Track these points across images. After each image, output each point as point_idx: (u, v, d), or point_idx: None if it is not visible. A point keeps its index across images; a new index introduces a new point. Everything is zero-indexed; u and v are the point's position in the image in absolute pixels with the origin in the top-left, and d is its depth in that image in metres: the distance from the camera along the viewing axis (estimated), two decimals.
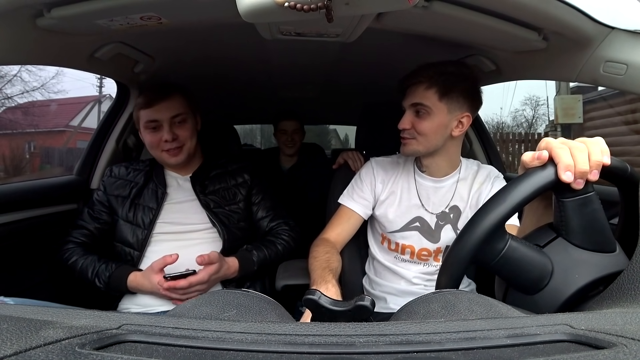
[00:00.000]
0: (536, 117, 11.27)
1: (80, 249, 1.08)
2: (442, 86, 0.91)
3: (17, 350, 0.26)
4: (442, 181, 1.02)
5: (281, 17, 0.56)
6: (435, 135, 0.94)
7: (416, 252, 1.02)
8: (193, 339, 0.30)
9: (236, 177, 1.18)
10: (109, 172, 1.18)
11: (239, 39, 1.06)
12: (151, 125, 1.08)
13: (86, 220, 1.12)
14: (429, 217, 1.01)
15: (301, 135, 1.99)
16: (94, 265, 1.04)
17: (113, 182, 1.14)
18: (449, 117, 0.93)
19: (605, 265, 0.50)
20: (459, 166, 1.03)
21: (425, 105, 0.92)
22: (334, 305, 0.40)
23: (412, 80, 0.95)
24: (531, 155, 0.52)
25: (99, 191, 1.15)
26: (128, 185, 1.13)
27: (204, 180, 1.15)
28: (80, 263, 1.05)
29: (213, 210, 1.10)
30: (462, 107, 0.93)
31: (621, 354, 0.27)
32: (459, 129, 0.95)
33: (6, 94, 9.95)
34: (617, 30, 0.76)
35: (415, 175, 1.04)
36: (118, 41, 0.99)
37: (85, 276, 1.04)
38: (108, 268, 1.03)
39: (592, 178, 0.49)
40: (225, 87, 1.64)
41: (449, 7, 0.75)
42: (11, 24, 0.73)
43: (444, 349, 0.30)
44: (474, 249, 0.50)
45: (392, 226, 1.03)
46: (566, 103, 5.59)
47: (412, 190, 1.03)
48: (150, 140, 1.09)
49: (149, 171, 1.16)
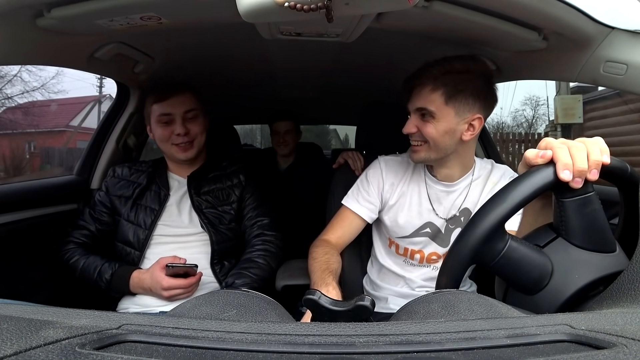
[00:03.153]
0: (536, 117, 11.28)
1: (81, 249, 1.08)
2: (449, 88, 0.84)
3: (17, 350, 0.26)
4: (454, 185, 0.96)
5: (281, 17, 0.56)
6: (443, 141, 0.87)
7: (425, 256, 1.00)
8: (193, 339, 0.30)
9: (232, 179, 1.19)
10: (111, 172, 1.18)
11: (239, 39, 1.06)
12: (164, 119, 1.08)
13: (87, 221, 1.12)
14: (440, 222, 0.97)
15: (295, 135, 1.96)
16: (95, 265, 1.04)
17: (116, 183, 1.14)
18: (457, 121, 0.85)
19: (605, 266, 0.50)
20: (472, 167, 0.97)
21: (430, 109, 0.85)
22: (334, 305, 0.40)
23: (416, 81, 0.88)
24: (535, 153, 0.51)
25: (100, 192, 1.15)
26: (131, 185, 1.13)
27: (200, 180, 1.15)
28: (81, 263, 1.05)
29: (204, 211, 1.10)
30: (472, 109, 0.85)
31: (621, 354, 0.27)
32: (470, 133, 0.87)
33: (6, 94, 9.96)
34: (617, 30, 0.76)
35: (426, 178, 0.99)
36: (118, 41, 0.99)
37: (88, 275, 1.04)
38: (111, 266, 1.04)
39: (592, 177, 0.49)
40: (225, 87, 1.64)
41: (449, 7, 0.74)
42: (11, 24, 0.73)
43: (444, 349, 0.30)
44: (474, 249, 0.50)
45: (402, 232, 0.99)
46: (566, 103, 5.60)
47: (423, 194, 0.98)
48: (162, 134, 1.09)
49: (152, 172, 1.16)
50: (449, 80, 0.84)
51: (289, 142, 1.93)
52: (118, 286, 1.03)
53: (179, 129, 1.07)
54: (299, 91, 1.81)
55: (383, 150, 1.26)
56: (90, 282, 1.04)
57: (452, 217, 0.97)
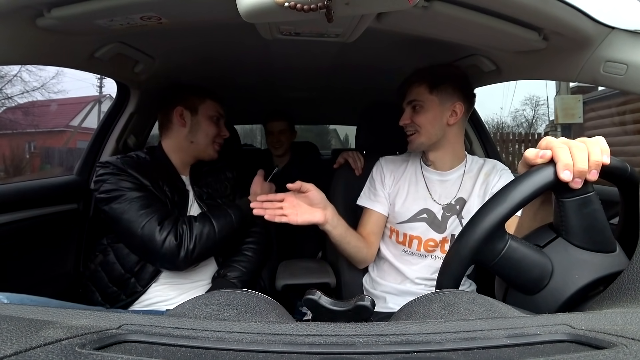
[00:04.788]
0: (536, 117, 11.31)
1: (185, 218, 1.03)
2: (431, 80, 1.01)
3: (17, 350, 0.26)
4: (448, 174, 1.07)
5: (281, 17, 0.56)
6: (432, 126, 1.02)
7: (423, 242, 1.04)
8: (193, 339, 0.30)
9: (225, 173, 1.24)
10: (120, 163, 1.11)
11: (239, 38, 1.06)
12: (218, 116, 1.15)
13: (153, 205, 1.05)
14: (437, 209, 1.05)
15: (289, 135, 1.97)
16: (220, 215, 1.05)
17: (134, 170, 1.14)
18: (442, 108, 1.01)
19: (605, 266, 0.50)
20: (464, 160, 1.08)
21: (419, 100, 1.02)
22: (334, 305, 0.40)
23: (406, 84, 1.06)
24: (535, 153, 0.52)
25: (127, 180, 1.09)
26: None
27: (198, 174, 1.18)
28: (207, 222, 1.02)
29: (205, 202, 1.13)
30: (452, 97, 1.01)
31: (621, 354, 0.27)
32: (454, 118, 1.02)
33: (6, 94, 9.97)
34: (617, 30, 0.76)
35: (422, 170, 1.10)
36: (118, 41, 0.99)
37: (222, 224, 1.04)
38: (233, 204, 1.09)
39: (591, 178, 0.49)
40: (225, 86, 1.63)
41: (449, 7, 0.74)
42: (11, 24, 0.72)
43: (444, 349, 0.30)
44: (474, 249, 0.50)
45: (400, 217, 1.07)
46: (566, 103, 5.59)
47: (420, 183, 1.09)
48: (213, 130, 1.14)
49: (158, 168, 1.13)
50: (432, 75, 1.02)
51: (283, 142, 1.94)
52: (248, 215, 1.04)
53: (226, 132, 1.17)
54: (299, 91, 1.81)
55: (383, 150, 1.26)
56: (228, 228, 1.05)
57: (448, 204, 1.05)
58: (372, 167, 1.17)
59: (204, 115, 1.13)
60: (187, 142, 1.13)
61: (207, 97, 1.14)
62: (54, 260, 1.22)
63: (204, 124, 1.13)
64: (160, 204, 1.01)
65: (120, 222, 0.97)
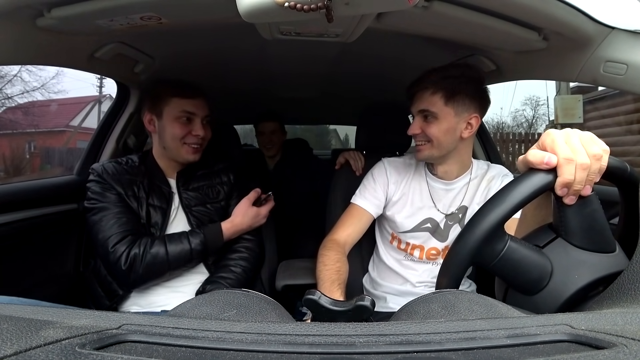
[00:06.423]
0: (536, 117, 11.31)
1: (144, 237, 1.02)
2: (447, 90, 0.92)
3: (17, 350, 0.26)
4: (453, 183, 1.03)
5: (281, 17, 0.56)
6: (445, 139, 0.94)
7: (425, 251, 1.03)
8: (193, 339, 0.30)
9: (221, 176, 1.18)
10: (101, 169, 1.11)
11: (239, 39, 1.06)
12: (186, 115, 1.06)
13: (119, 216, 1.04)
14: (440, 217, 1.02)
15: (280, 135, 1.98)
16: (178, 237, 1.02)
17: (117, 179, 1.10)
18: (457, 120, 0.93)
19: (605, 266, 0.49)
20: (470, 167, 1.04)
21: (432, 111, 0.93)
22: (334, 305, 0.40)
23: (417, 87, 0.96)
24: (540, 157, 0.49)
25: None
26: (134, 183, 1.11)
27: (189, 178, 1.14)
28: (161, 245, 1.00)
29: (192, 210, 1.10)
30: (469, 109, 0.94)
31: (621, 354, 0.27)
32: (468, 131, 0.95)
33: (6, 94, 9.97)
34: (617, 30, 0.76)
35: (427, 177, 1.05)
36: (118, 41, 0.99)
37: (177, 250, 1.00)
38: (195, 231, 1.04)
39: (584, 193, 0.49)
40: (225, 86, 1.63)
41: (449, 7, 0.74)
42: (11, 24, 0.72)
43: (444, 349, 0.30)
44: (473, 250, 0.50)
45: (403, 226, 1.04)
46: (566, 103, 5.59)
47: (424, 192, 1.04)
48: (179, 131, 1.05)
49: (146, 170, 1.12)
50: (447, 84, 0.92)
51: (275, 142, 1.97)
52: (213, 243, 1.04)
53: (199, 131, 1.06)
54: (299, 91, 1.81)
55: (383, 150, 1.26)
56: (184, 255, 1.01)
57: (451, 213, 1.02)
58: (372, 166, 1.13)
59: (168, 118, 1.06)
60: (161, 147, 1.10)
61: (174, 96, 1.05)
62: (54, 261, 1.22)
63: (168, 127, 1.06)
64: (125, 219, 1.01)
65: (90, 234, 1.04)
